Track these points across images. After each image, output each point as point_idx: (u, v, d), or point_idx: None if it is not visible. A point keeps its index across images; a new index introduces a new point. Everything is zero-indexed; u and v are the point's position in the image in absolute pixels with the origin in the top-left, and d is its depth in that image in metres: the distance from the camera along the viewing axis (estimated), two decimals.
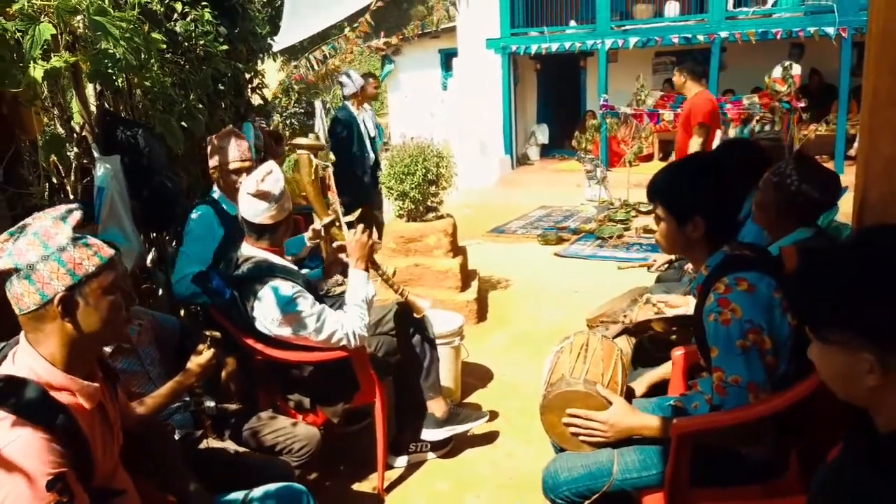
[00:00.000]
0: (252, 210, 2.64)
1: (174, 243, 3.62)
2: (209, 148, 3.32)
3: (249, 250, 2.71)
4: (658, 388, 2.47)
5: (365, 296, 2.75)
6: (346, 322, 2.64)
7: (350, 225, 2.91)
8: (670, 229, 1.95)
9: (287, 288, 2.60)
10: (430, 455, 3.19)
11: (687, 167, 2.02)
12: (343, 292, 3.01)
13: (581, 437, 2.01)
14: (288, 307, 2.58)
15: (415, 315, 2.99)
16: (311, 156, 5.04)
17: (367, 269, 2.83)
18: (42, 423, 1.35)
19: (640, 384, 2.47)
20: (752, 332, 1.74)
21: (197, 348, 2.28)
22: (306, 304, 2.60)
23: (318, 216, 3.64)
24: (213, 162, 3.28)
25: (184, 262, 3.08)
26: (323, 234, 3.48)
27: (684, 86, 5.92)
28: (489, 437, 3.37)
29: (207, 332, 2.35)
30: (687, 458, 1.85)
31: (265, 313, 2.60)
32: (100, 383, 1.55)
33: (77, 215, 1.49)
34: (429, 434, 3.10)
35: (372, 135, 6.59)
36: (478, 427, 3.27)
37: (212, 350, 2.27)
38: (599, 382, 2.06)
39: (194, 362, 2.24)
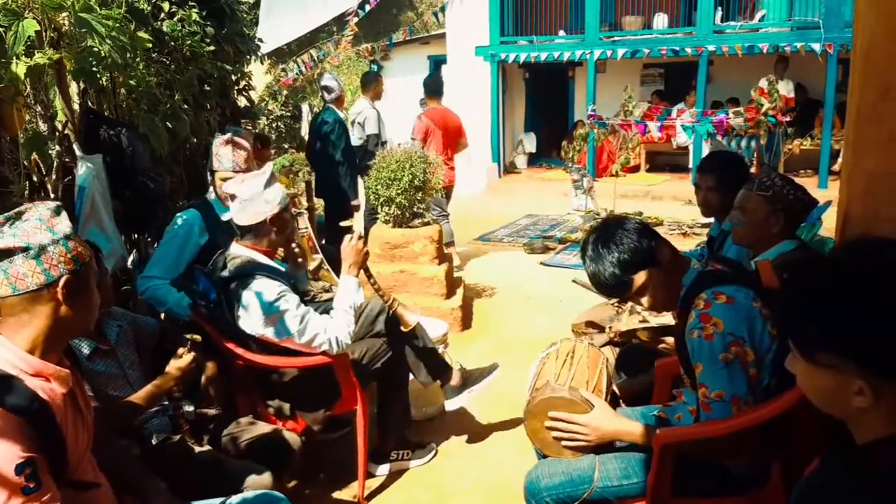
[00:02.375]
0: (230, 209, 2.69)
1: (155, 245, 3.58)
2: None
3: (236, 249, 2.71)
4: (641, 397, 2.47)
5: (353, 302, 2.73)
6: (329, 327, 2.62)
7: (346, 230, 2.90)
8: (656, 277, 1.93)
9: (272, 287, 2.58)
10: (413, 462, 3.17)
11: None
12: (330, 299, 2.99)
13: (563, 442, 2.01)
14: (272, 306, 2.55)
15: (402, 328, 2.97)
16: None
17: (358, 276, 2.82)
18: (15, 408, 1.36)
19: (621, 388, 2.47)
20: (735, 344, 1.75)
21: (177, 352, 2.26)
22: (290, 304, 2.58)
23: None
24: (210, 165, 3.25)
25: (150, 265, 3.10)
26: (311, 277, 3.50)
27: (428, 104, 6.46)
28: (472, 445, 3.35)
29: (188, 336, 2.33)
30: (669, 468, 1.85)
31: (250, 312, 2.58)
32: (69, 371, 1.57)
33: (65, 213, 1.56)
34: (451, 404, 3.11)
35: (385, 139, 6.63)
36: (486, 387, 3.16)
37: (192, 354, 2.25)
38: (584, 389, 2.05)
39: (174, 366, 2.21)
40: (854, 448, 1.10)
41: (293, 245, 3.05)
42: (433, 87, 6.52)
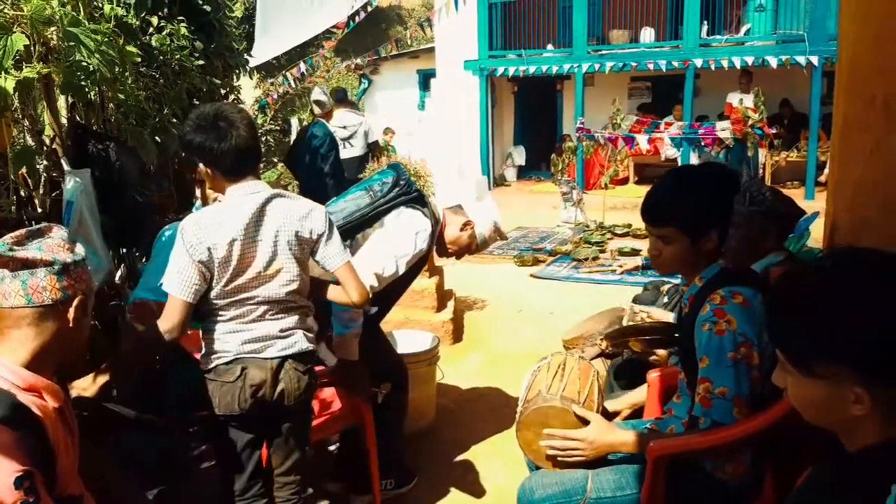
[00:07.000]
0: None
1: (144, 260, 3.55)
2: None
3: None
4: (637, 412, 2.47)
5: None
6: None
7: None
8: (683, 248, 1.87)
9: None
10: (397, 493, 3.05)
11: (691, 183, 1.94)
12: None
13: (559, 459, 1.99)
14: None
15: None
16: None
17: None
18: (11, 422, 1.35)
19: (620, 403, 2.46)
20: (744, 345, 1.74)
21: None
22: None
23: None
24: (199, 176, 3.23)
25: (140, 284, 3.04)
26: None
27: None
28: (464, 460, 3.33)
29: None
30: (663, 480, 1.84)
31: None
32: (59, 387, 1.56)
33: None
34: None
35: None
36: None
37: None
38: (576, 400, 2.05)
39: None
40: (844, 456, 1.09)
41: None
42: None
